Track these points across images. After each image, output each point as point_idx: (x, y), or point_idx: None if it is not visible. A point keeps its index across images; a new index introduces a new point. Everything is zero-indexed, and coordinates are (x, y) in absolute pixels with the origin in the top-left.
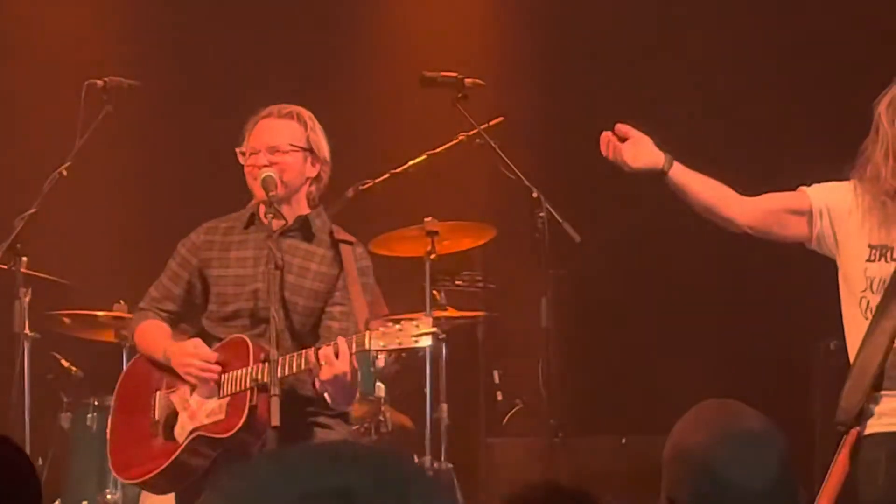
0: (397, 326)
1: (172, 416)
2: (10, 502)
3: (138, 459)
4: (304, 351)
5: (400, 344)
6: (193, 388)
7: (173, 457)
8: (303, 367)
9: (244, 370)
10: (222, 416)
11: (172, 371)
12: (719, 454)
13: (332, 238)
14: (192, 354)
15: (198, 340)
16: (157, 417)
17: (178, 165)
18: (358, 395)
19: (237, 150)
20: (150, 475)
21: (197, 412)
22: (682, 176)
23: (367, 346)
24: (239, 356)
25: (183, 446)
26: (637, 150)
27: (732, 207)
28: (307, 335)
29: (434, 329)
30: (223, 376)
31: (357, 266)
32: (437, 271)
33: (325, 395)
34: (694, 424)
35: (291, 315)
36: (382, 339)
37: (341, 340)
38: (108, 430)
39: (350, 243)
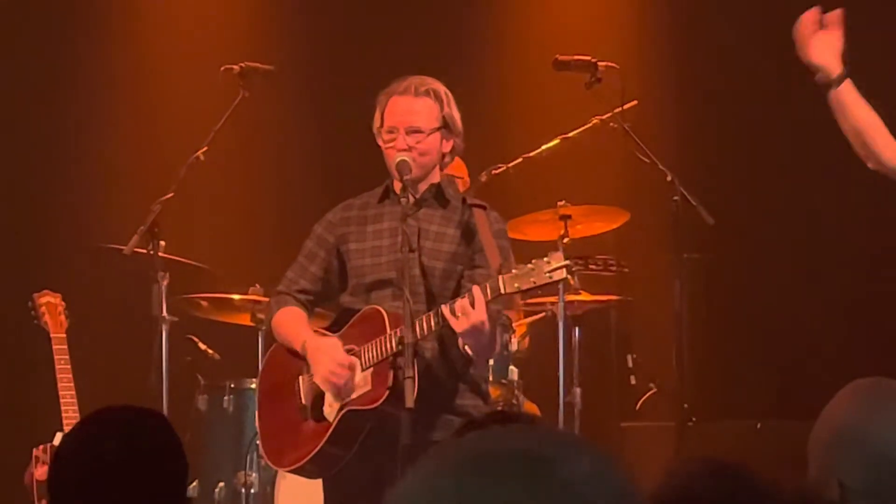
0: (529, 266)
1: (319, 398)
2: (162, 473)
3: (292, 445)
4: (438, 308)
5: (534, 282)
6: None
7: (327, 436)
8: (441, 323)
9: (382, 338)
10: (368, 388)
11: None
12: None
13: (465, 203)
14: (328, 355)
15: (336, 341)
16: (304, 401)
17: (313, 149)
18: (491, 377)
19: (374, 128)
20: (307, 458)
21: None
22: (848, 95)
23: (502, 290)
24: (375, 327)
25: (335, 424)
26: (823, 46)
27: (883, 141)
28: (447, 300)
29: (567, 262)
30: (362, 347)
31: (493, 229)
32: (570, 255)
33: (467, 348)
34: (862, 406)
35: (430, 280)
36: (517, 281)
37: (476, 289)
38: (256, 422)
39: (483, 207)
